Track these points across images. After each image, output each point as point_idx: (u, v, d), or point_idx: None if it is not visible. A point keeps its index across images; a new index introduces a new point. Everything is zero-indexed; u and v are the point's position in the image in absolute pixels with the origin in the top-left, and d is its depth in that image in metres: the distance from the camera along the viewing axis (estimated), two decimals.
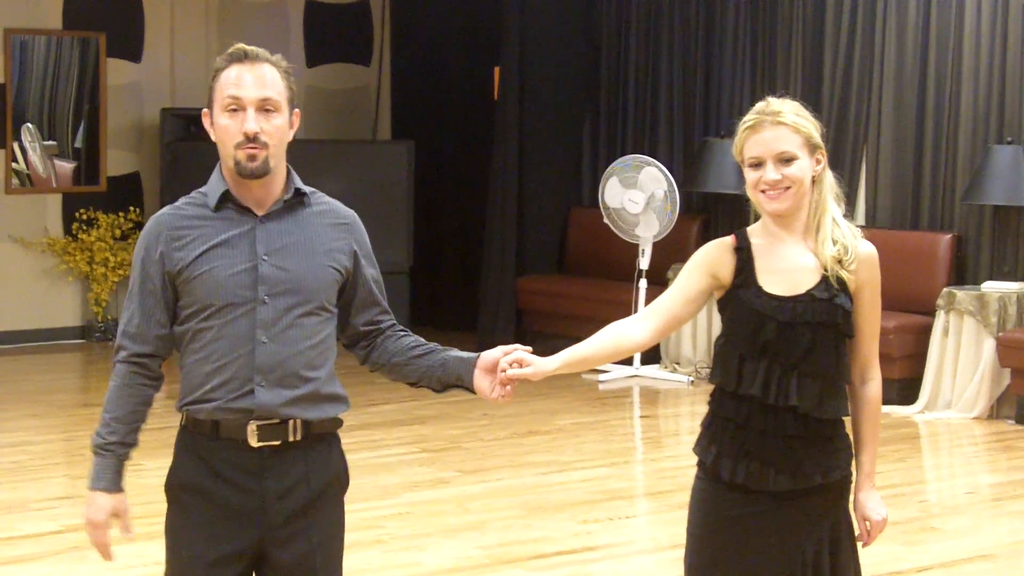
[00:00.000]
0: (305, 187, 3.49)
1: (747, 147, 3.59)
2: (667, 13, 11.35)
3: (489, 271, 11.75)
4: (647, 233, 10.57)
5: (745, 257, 3.61)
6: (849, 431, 3.72)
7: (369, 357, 3.61)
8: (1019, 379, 9.02)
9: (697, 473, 3.69)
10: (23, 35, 11.43)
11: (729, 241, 3.66)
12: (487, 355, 3.55)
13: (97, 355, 11.31)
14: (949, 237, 9.70)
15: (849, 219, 3.67)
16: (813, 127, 3.60)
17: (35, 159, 11.58)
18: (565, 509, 7.03)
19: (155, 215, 3.51)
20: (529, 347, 3.61)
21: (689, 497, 3.72)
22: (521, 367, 3.56)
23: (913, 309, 9.55)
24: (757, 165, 3.58)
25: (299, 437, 3.40)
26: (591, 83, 11.88)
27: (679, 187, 10.50)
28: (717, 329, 3.78)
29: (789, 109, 3.60)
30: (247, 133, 3.36)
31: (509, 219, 11.69)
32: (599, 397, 9.98)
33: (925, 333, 9.45)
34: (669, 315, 3.67)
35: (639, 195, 10.53)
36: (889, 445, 8.43)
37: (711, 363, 3.73)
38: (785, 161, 3.55)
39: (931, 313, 9.43)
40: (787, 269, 3.58)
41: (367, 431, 8.60)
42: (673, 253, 10.40)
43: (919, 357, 9.47)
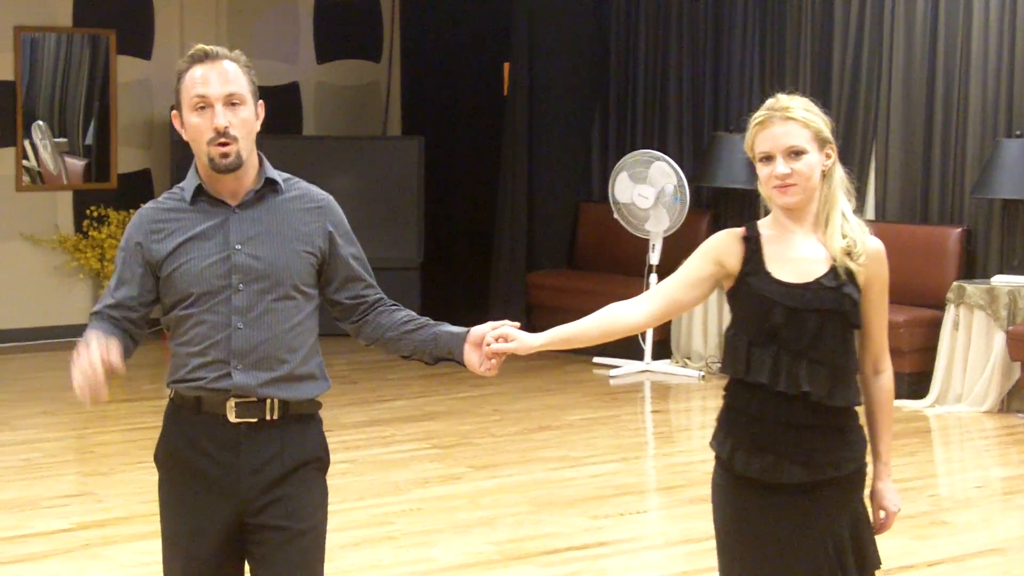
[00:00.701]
0: (279, 174, 3.62)
1: (757, 142, 3.64)
2: (676, 8, 11.35)
3: (499, 266, 11.76)
4: (657, 228, 10.57)
5: (754, 246, 3.66)
6: (863, 423, 3.74)
7: (361, 331, 3.73)
8: None
9: (715, 467, 3.72)
10: (33, 33, 11.45)
11: (738, 231, 3.71)
12: (476, 330, 3.68)
13: None
14: (958, 231, 9.69)
15: (858, 215, 3.70)
16: (822, 122, 3.65)
17: (46, 156, 11.60)
18: (576, 504, 7.04)
19: (139, 210, 3.68)
20: (517, 323, 3.72)
21: (710, 492, 3.75)
22: (507, 342, 3.66)
23: (923, 303, 9.55)
24: (767, 159, 3.62)
25: (276, 416, 3.54)
26: (601, 78, 11.88)
27: (689, 182, 10.50)
28: (727, 323, 3.81)
29: (798, 105, 3.65)
30: (217, 128, 3.49)
31: (519, 214, 11.70)
32: (610, 392, 9.99)
33: (935, 327, 9.44)
34: (668, 298, 3.75)
35: (649, 190, 10.53)
36: (900, 439, 8.43)
37: (721, 355, 3.74)
38: (795, 155, 3.60)
39: (941, 307, 9.43)
40: (796, 259, 3.63)
41: (378, 427, 8.62)
42: (683, 248, 10.26)
43: (929, 351, 9.47)
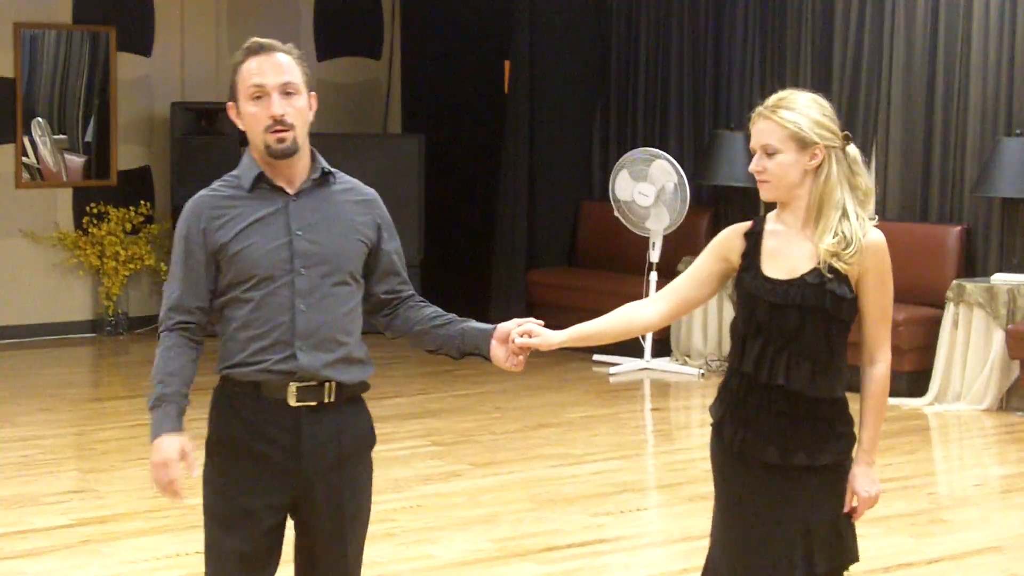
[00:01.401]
0: (329, 167, 3.77)
1: (751, 136, 3.80)
2: (677, 6, 11.35)
3: (500, 264, 11.76)
4: (657, 226, 10.57)
5: (753, 242, 3.79)
6: (856, 416, 3.83)
7: (391, 324, 3.89)
8: None
9: (711, 432, 3.92)
10: (33, 29, 11.45)
11: (743, 226, 3.85)
12: (503, 326, 3.87)
13: (108, 349, 11.34)
14: (958, 229, 9.69)
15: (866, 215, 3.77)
16: (808, 123, 3.71)
17: (45, 153, 11.60)
18: (576, 502, 7.05)
19: (193, 197, 3.76)
20: (541, 320, 3.91)
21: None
22: (531, 338, 3.85)
23: (922, 301, 9.55)
24: (754, 154, 3.79)
25: (333, 399, 3.70)
26: (601, 76, 11.88)
27: (689, 180, 10.50)
28: (727, 321, 3.92)
29: (789, 103, 3.74)
30: (274, 116, 3.62)
31: (520, 212, 11.70)
32: (610, 390, 9.99)
33: (935, 325, 9.45)
34: (679, 297, 3.91)
35: (649, 188, 10.53)
36: (899, 437, 8.44)
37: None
38: (769, 154, 3.73)
39: (940, 305, 9.43)
40: (788, 255, 3.76)
41: (378, 424, 8.53)
42: (683, 246, 10.41)
43: (929, 349, 9.47)
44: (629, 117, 11.72)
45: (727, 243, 3.84)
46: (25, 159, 11.50)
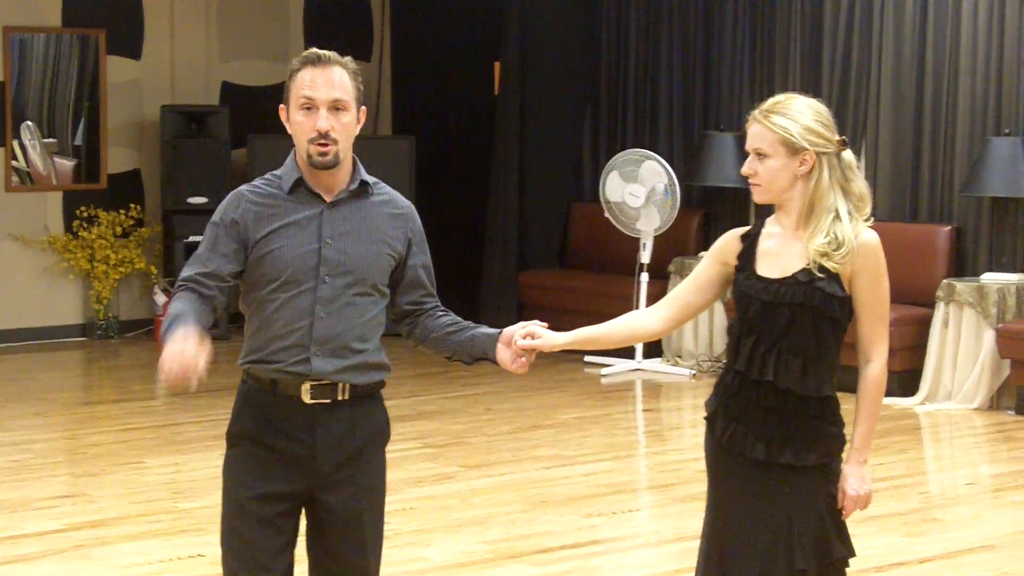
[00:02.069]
0: (369, 177, 3.90)
1: (747, 137, 3.85)
2: (667, 7, 11.35)
3: (491, 266, 11.76)
4: (648, 227, 10.58)
5: (749, 244, 3.86)
6: (846, 418, 3.86)
7: (412, 333, 4.02)
8: (1019, 370, 9.04)
9: (706, 425, 3.97)
10: (22, 33, 11.43)
11: (741, 230, 3.93)
12: (508, 330, 3.97)
13: (98, 353, 11.33)
14: (948, 229, 9.71)
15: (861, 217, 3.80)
16: (799, 129, 3.77)
17: (35, 157, 11.58)
18: (569, 503, 7.05)
19: (234, 191, 3.89)
20: (545, 323, 3.98)
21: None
22: (534, 339, 3.92)
23: (913, 301, 9.56)
24: (748, 155, 3.84)
25: (347, 396, 3.81)
26: (591, 77, 11.88)
27: (679, 181, 10.50)
28: (719, 323, 3.98)
29: (782, 108, 3.81)
30: (319, 130, 3.74)
31: (510, 214, 11.70)
32: (602, 391, 10.00)
33: (925, 325, 9.47)
34: (681, 303, 3.97)
35: (640, 189, 10.54)
36: (890, 436, 8.45)
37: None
38: (760, 157, 3.79)
39: (931, 305, 9.45)
40: (781, 254, 3.81)
41: None
42: (674, 247, 10.41)
43: (919, 349, 9.49)
44: (619, 118, 11.73)
45: (725, 247, 3.91)
46: (15, 163, 11.48)
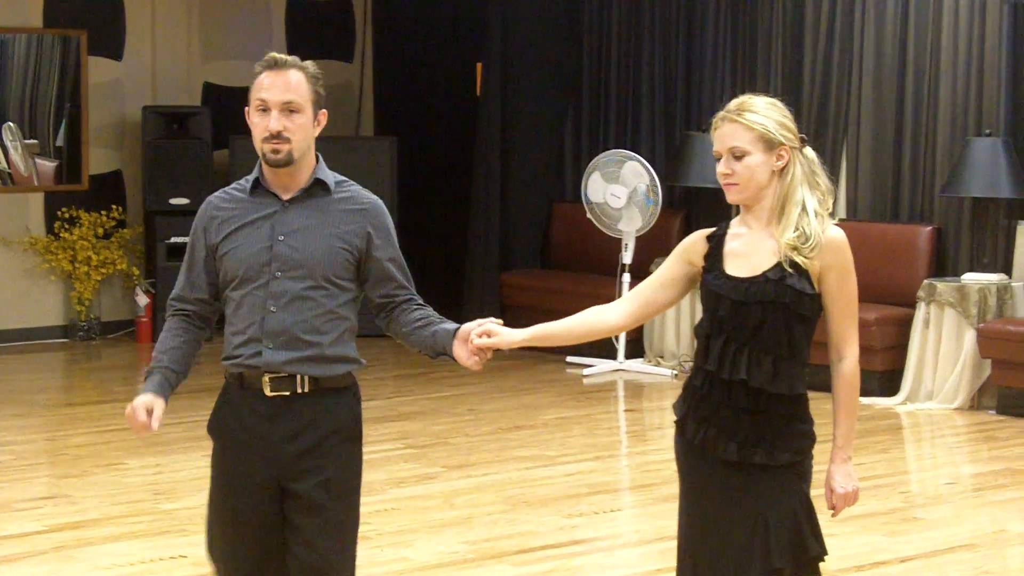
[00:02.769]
0: (333, 176, 4.08)
1: (713, 141, 3.88)
2: (648, 8, 11.37)
3: (473, 266, 11.77)
4: (630, 227, 10.59)
5: (716, 244, 3.88)
6: (817, 415, 3.89)
7: (389, 327, 4.13)
8: (999, 370, 9.06)
9: (675, 430, 3.97)
10: (3, 33, 11.41)
11: (707, 231, 3.93)
12: (464, 327, 4.04)
13: (80, 354, 11.30)
14: (929, 229, 9.73)
15: (826, 212, 3.84)
16: (774, 124, 3.81)
17: (16, 158, 11.56)
18: (550, 503, 7.06)
19: (208, 198, 4.11)
20: (500, 320, 4.01)
21: None
22: (490, 337, 3.94)
23: (894, 301, 9.58)
24: (718, 158, 3.85)
25: (307, 389, 3.94)
26: (573, 78, 11.89)
27: (661, 181, 10.52)
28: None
29: (751, 107, 3.83)
30: (271, 131, 3.92)
31: (492, 214, 11.71)
32: (583, 391, 10.00)
33: (906, 325, 9.49)
34: (643, 299, 3.99)
35: (621, 190, 10.56)
36: (871, 436, 8.47)
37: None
38: (737, 156, 3.79)
39: (912, 305, 9.47)
40: (750, 253, 3.83)
41: None
42: (656, 247, 10.42)
43: (900, 349, 9.51)
44: (601, 119, 11.74)
45: (691, 247, 3.93)
46: None
